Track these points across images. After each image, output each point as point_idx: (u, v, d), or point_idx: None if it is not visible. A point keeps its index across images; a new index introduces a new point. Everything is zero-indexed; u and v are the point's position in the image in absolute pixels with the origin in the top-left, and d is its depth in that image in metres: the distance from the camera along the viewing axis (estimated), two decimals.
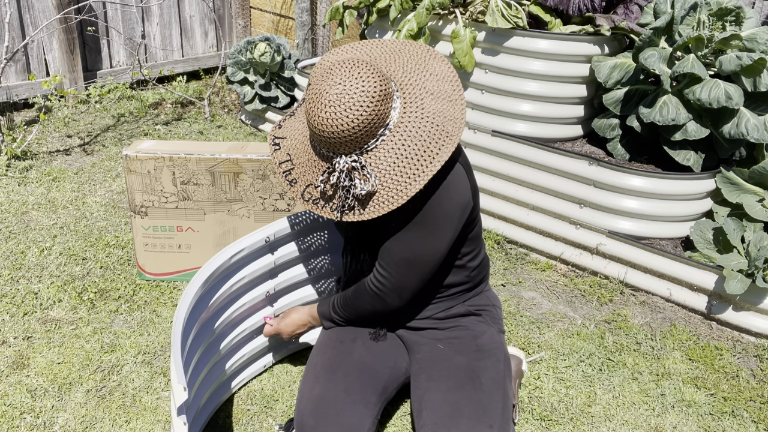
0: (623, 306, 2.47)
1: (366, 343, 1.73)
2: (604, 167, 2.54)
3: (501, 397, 1.60)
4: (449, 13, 2.84)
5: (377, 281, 1.63)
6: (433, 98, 1.49)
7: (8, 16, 3.67)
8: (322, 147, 1.49)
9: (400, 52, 1.59)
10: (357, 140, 1.43)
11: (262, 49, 3.62)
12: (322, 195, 1.52)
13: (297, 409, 1.60)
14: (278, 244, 1.91)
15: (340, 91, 1.40)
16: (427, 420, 1.55)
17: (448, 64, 1.56)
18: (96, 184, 3.19)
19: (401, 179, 1.43)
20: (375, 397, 1.62)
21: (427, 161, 1.43)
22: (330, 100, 1.40)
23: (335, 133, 1.42)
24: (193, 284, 1.61)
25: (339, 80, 1.41)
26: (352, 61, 1.44)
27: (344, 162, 1.44)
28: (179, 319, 1.51)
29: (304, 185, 1.55)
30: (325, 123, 1.41)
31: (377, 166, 1.45)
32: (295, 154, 1.57)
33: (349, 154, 1.45)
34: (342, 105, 1.40)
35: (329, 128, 1.41)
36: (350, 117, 1.40)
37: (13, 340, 2.13)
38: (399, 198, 1.44)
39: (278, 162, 1.60)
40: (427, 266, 1.59)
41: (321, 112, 1.41)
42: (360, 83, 1.40)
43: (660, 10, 2.55)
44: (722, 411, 1.99)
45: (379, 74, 1.43)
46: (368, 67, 1.43)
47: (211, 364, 1.80)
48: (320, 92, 1.42)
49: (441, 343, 1.72)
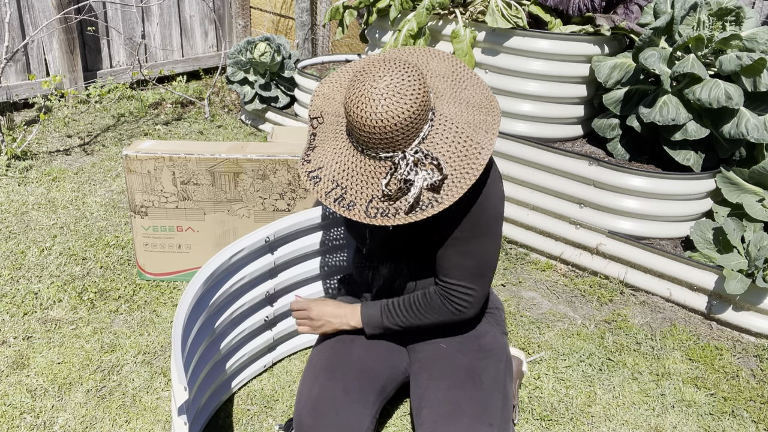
0: (623, 306, 2.47)
1: (365, 343, 1.73)
2: (604, 167, 2.54)
3: (501, 396, 1.60)
4: (449, 13, 2.84)
5: (460, 299, 1.59)
6: (454, 83, 1.50)
7: (8, 16, 3.67)
8: (379, 149, 1.42)
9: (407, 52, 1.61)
10: (415, 127, 1.39)
11: (262, 49, 3.62)
12: (389, 201, 1.44)
13: (296, 409, 1.60)
14: (278, 244, 1.91)
15: (387, 83, 1.37)
16: (426, 418, 1.55)
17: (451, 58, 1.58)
18: (96, 184, 3.19)
19: (467, 155, 1.41)
20: (373, 397, 1.63)
21: (482, 134, 1.42)
22: (381, 94, 1.36)
23: (396, 125, 1.37)
24: (194, 284, 1.61)
25: (380, 75, 1.38)
26: (376, 60, 1.42)
27: (409, 155, 1.39)
28: (179, 318, 1.51)
29: (366, 201, 1.45)
30: (382, 117, 1.36)
31: (440, 151, 1.42)
32: (341, 177, 1.48)
33: (410, 146, 1.41)
34: (395, 94, 1.36)
35: (388, 120, 1.36)
36: (408, 102, 1.37)
37: (13, 340, 2.13)
38: (471, 175, 1.40)
39: (324, 193, 1.49)
40: (494, 271, 1.60)
41: (376, 108, 1.36)
42: (400, 72, 1.38)
43: (660, 10, 2.55)
44: (722, 411, 1.99)
45: (408, 64, 1.42)
46: (396, 59, 1.41)
47: (212, 363, 1.80)
48: (365, 92, 1.37)
49: (443, 342, 1.72)
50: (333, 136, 1.53)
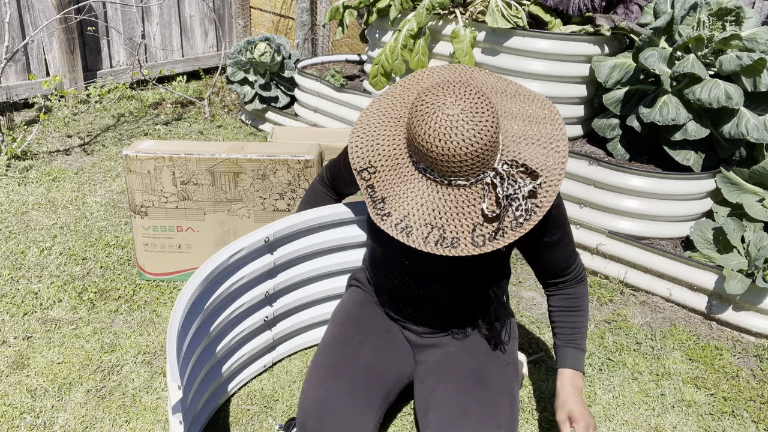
0: (623, 306, 2.47)
1: (373, 345, 1.71)
2: (604, 167, 2.54)
3: (509, 398, 1.59)
4: (449, 13, 2.84)
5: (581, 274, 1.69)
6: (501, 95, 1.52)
7: (8, 16, 3.67)
8: (469, 176, 1.36)
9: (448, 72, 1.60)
10: (498, 143, 1.36)
11: (262, 49, 3.62)
12: (493, 223, 1.38)
13: (300, 409, 1.58)
14: (278, 244, 1.91)
15: (461, 109, 1.31)
16: (433, 420, 1.54)
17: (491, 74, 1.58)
18: (96, 184, 3.19)
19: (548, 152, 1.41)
20: (379, 402, 1.62)
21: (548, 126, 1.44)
22: (460, 121, 1.31)
23: (485, 146, 1.32)
24: (191, 284, 1.61)
25: (445, 103, 1.32)
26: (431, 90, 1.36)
27: (500, 169, 1.35)
28: (175, 318, 1.51)
29: (470, 232, 1.39)
30: (470, 142, 1.31)
31: (521, 155, 1.40)
32: (434, 218, 1.40)
33: (494, 161, 1.37)
34: (474, 116, 1.31)
35: (477, 144, 1.31)
36: (487, 120, 1.32)
37: (13, 340, 2.13)
38: (560, 168, 1.40)
39: (422, 240, 1.40)
40: None
41: (461, 136, 1.30)
42: (461, 93, 1.34)
43: (660, 10, 2.55)
44: (722, 411, 1.99)
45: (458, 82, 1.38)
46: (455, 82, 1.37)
47: (211, 363, 1.80)
48: (442, 124, 1.31)
49: (452, 346, 1.72)
50: (399, 180, 1.44)
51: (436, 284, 1.66)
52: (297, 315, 2.06)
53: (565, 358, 1.66)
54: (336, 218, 1.95)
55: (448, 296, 1.68)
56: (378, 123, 1.51)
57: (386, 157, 1.45)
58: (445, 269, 1.62)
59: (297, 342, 2.11)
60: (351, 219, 1.97)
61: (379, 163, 1.46)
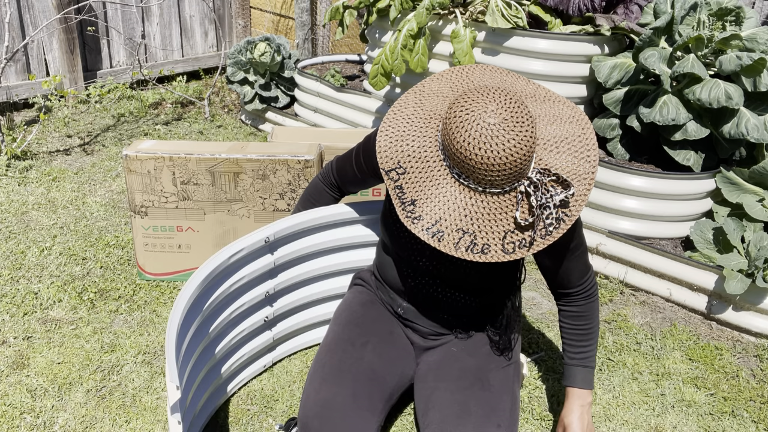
0: (623, 306, 2.47)
1: (377, 348, 1.70)
2: (604, 167, 2.54)
3: (509, 397, 1.59)
4: (449, 13, 2.84)
5: (592, 290, 1.68)
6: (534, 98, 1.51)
7: (8, 16, 3.67)
8: (505, 184, 1.36)
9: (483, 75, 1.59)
10: (533, 154, 1.36)
11: (262, 49, 3.62)
12: (526, 231, 1.39)
13: (302, 410, 1.57)
14: (278, 244, 1.91)
15: (504, 118, 1.31)
16: (433, 419, 1.54)
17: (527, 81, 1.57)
18: (96, 184, 3.19)
19: (579, 161, 1.41)
20: (381, 404, 1.61)
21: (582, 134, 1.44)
22: (501, 130, 1.30)
23: (525, 155, 1.32)
24: (191, 284, 1.61)
25: (485, 111, 1.31)
26: (469, 94, 1.35)
27: (535, 177, 1.36)
28: (174, 318, 1.51)
29: (501, 239, 1.40)
30: (512, 152, 1.31)
31: (555, 165, 1.40)
32: (466, 224, 1.40)
33: (529, 170, 1.37)
34: (515, 126, 1.31)
35: (518, 153, 1.31)
36: (527, 129, 1.32)
37: (13, 340, 2.13)
38: (590, 179, 1.40)
39: (453, 246, 1.41)
40: None
41: (503, 145, 1.30)
42: (502, 101, 1.33)
43: (660, 10, 2.55)
44: (722, 411, 1.99)
45: (498, 90, 1.37)
46: (494, 88, 1.36)
47: (211, 363, 1.80)
48: (483, 132, 1.30)
49: (454, 346, 1.72)
50: (431, 183, 1.42)
51: (450, 286, 1.66)
52: (297, 315, 2.06)
53: (574, 377, 1.70)
54: (336, 218, 1.95)
55: (460, 298, 1.68)
56: (406, 123, 1.49)
57: (416, 159, 1.44)
58: (461, 272, 1.62)
59: (297, 342, 2.11)
60: (351, 219, 1.97)
61: (409, 164, 1.44)
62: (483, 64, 1.60)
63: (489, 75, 1.56)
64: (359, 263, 2.03)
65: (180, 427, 1.31)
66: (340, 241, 2.00)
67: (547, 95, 1.53)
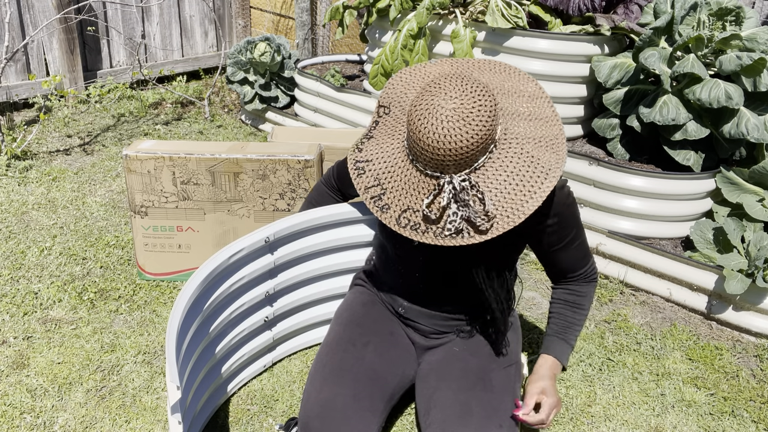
0: (623, 306, 2.47)
1: (378, 348, 1.70)
2: (604, 167, 2.54)
3: (511, 398, 1.59)
4: (449, 13, 2.84)
5: (595, 272, 1.68)
6: (523, 118, 1.47)
7: (8, 16, 3.67)
8: (427, 167, 1.38)
9: (483, 69, 1.57)
10: (471, 158, 1.35)
11: (262, 48, 3.62)
12: (424, 219, 1.41)
13: (303, 410, 1.57)
14: (278, 244, 1.91)
15: (457, 106, 1.31)
16: (435, 419, 1.54)
17: (535, 82, 1.54)
18: (96, 184, 3.19)
19: (516, 197, 1.36)
20: (382, 405, 1.61)
21: (541, 177, 1.37)
22: (447, 116, 1.31)
23: (452, 151, 1.32)
24: (191, 284, 1.61)
25: (453, 95, 1.33)
26: (458, 75, 1.36)
27: (456, 182, 1.35)
28: (175, 318, 1.51)
29: (401, 210, 1.44)
30: (441, 140, 1.32)
31: (488, 185, 1.37)
32: (385, 178, 1.46)
33: (459, 173, 1.36)
34: (461, 120, 1.31)
35: (446, 145, 1.32)
36: (470, 133, 1.31)
37: (13, 340, 2.13)
38: (516, 217, 1.36)
39: (364, 187, 1.48)
40: None
41: (436, 128, 1.32)
42: (475, 97, 1.33)
43: (660, 10, 2.55)
44: (722, 411, 1.99)
45: (487, 89, 1.37)
46: (477, 82, 1.36)
47: (211, 363, 1.80)
48: (432, 109, 1.33)
49: (456, 345, 1.72)
50: (391, 132, 1.50)
51: (450, 283, 1.67)
52: (297, 315, 2.06)
53: (551, 348, 1.67)
54: (336, 218, 1.95)
55: (460, 295, 1.68)
56: (415, 82, 1.56)
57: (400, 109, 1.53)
58: (459, 266, 1.62)
59: (297, 342, 2.11)
60: (351, 219, 1.97)
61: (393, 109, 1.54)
62: (490, 60, 1.60)
63: (465, 66, 1.58)
64: (359, 263, 2.03)
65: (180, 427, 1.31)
66: (340, 241, 2.00)
67: (536, 94, 1.52)
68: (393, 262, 1.73)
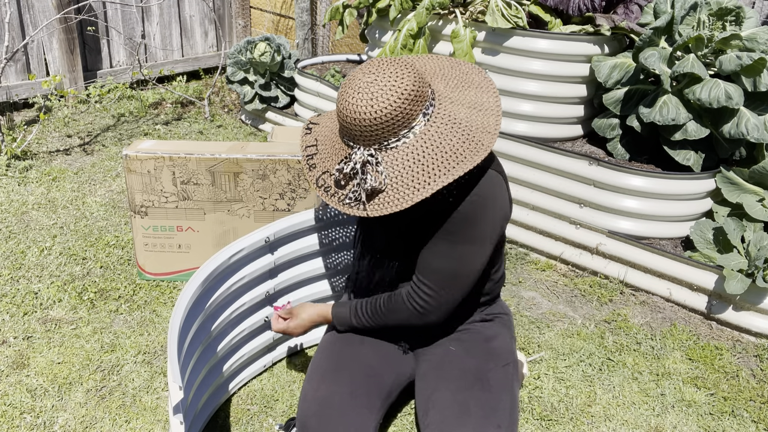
0: (623, 306, 2.47)
1: (374, 346, 1.71)
2: (604, 167, 2.54)
3: (509, 398, 1.59)
4: (449, 12, 2.84)
5: (421, 299, 1.58)
6: (469, 108, 1.47)
7: (8, 16, 3.67)
8: (344, 136, 1.46)
9: (451, 68, 1.58)
10: (377, 134, 1.40)
11: (262, 48, 3.62)
12: (335, 183, 1.49)
13: (300, 409, 1.58)
14: (278, 244, 1.91)
15: (371, 81, 1.39)
16: (433, 419, 1.54)
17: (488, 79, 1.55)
18: (96, 184, 3.19)
19: (411, 183, 1.40)
20: (379, 402, 1.62)
21: (441, 172, 1.39)
22: (359, 87, 1.39)
23: (356, 121, 1.39)
24: (192, 284, 1.61)
25: (374, 71, 1.40)
26: (396, 59, 1.43)
27: (361, 154, 1.42)
28: (176, 318, 1.51)
29: (321, 172, 1.53)
30: (348, 109, 1.40)
31: (392, 165, 1.41)
32: (321, 141, 1.56)
33: (368, 147, 1.42)
34: (369, 94, 1.38)
35: (352, 114, 1.39)
36: (375, 108, 1.37)
37: (13, 340, 2.13)
38: (403, 201, 1.40)
39: (305, 146, 1.60)
40: (472, 280, 1.57)
41: (348, 97, 1.40)
42: (393, 78, 1.38)
43: (660, 9, 2.55)
44: (722, 411, 1.99)
45: (416, 76, 1.40)
46: (408, 67, 1.41)
47: (211, 363, 1.80)
48: (353, 79, 1.41)
49: (452, 344, 1.72)
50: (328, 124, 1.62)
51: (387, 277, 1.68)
52: None
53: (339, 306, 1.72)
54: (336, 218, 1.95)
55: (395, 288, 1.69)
56: None
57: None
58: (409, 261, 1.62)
59: (297, 342, 2.11)
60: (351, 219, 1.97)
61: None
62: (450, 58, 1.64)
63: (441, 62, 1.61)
64: None
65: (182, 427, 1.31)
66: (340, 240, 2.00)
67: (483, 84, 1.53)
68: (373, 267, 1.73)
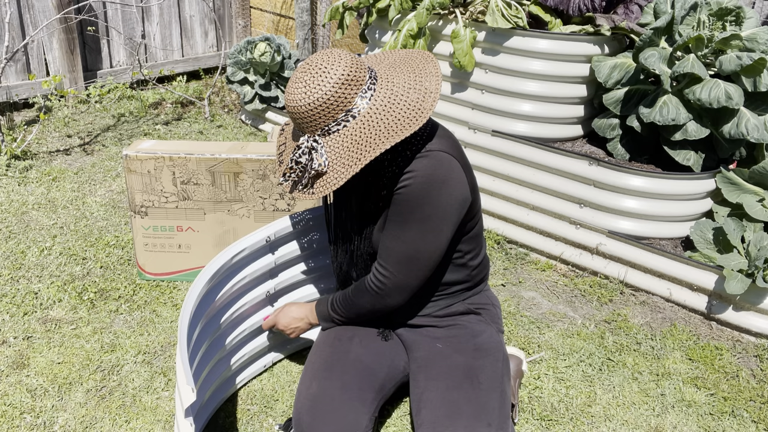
0: (623, 306, 2.47)
1: (363, 341, 1.74)
2: (604, 167, 2.54)
3: (499, 395, 1.60)
4: (449, 13, 2.84)
5: (377, 280, 1.63)
6: (407, 90, 1.50)
7: (8, 16, 3.67)
8: (295, 127, 1.55)
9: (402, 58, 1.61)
10: (315, 120, 1.47)
11: (262, 49, 3.62)
12: (291, 171, 1.55)
13: (295, 407, 1.61)
14: (278, 243, 1.91)
15: (305, 71, 1.46)
16: (425, 418, 1.56)
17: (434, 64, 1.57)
18: (96, 184, 3.19)
19: (346, 162, 1.47)
20: (372, 395, 1.63)
21: (371, 147, 1.45)
22: (296, 78, 1.47)
23: (295, 110, 1.47)
24: (197, 284, 1.61)
25: (310, 61, 1.47)
26: (336, 50, 1.50)
27: (304, 140, 1.49)
28: (184, 319, 1.51)
29: (286, 165, 1.59)
30: (288, 99, 1.48)
31: (332, 148, 1.48)
32: (289, 138, 1.64)
33: (312, 134, 1.49)
34: (302, 83, 1.45)
35: (290, 104, 1.47)
36: (307, 94, 1.44)
37: (13, 340, 2.13)
38: (339, 179, 1.47)
39: (278, 144, 1.68)
40: (428, 263, 1.59)
41: (288, 89, 1.49)
42: (324, 65, 1.45)
43: (660, 10, 2.55)
44: (722, 411, 1.99)
45: (351, 61, 1.46)
46: (344, 55, 1.47)
47: (212, 363, 1.80)
48: (294, 73, 1.50)
49: (440, 342, 1.73)
50: None
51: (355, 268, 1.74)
52: None
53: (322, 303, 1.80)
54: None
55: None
56: None
57: None
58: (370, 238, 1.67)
59: (297, 342, 2.11)
60: None
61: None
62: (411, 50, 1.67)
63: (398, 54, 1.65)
64: None
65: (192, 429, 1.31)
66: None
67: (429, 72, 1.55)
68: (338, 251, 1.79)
